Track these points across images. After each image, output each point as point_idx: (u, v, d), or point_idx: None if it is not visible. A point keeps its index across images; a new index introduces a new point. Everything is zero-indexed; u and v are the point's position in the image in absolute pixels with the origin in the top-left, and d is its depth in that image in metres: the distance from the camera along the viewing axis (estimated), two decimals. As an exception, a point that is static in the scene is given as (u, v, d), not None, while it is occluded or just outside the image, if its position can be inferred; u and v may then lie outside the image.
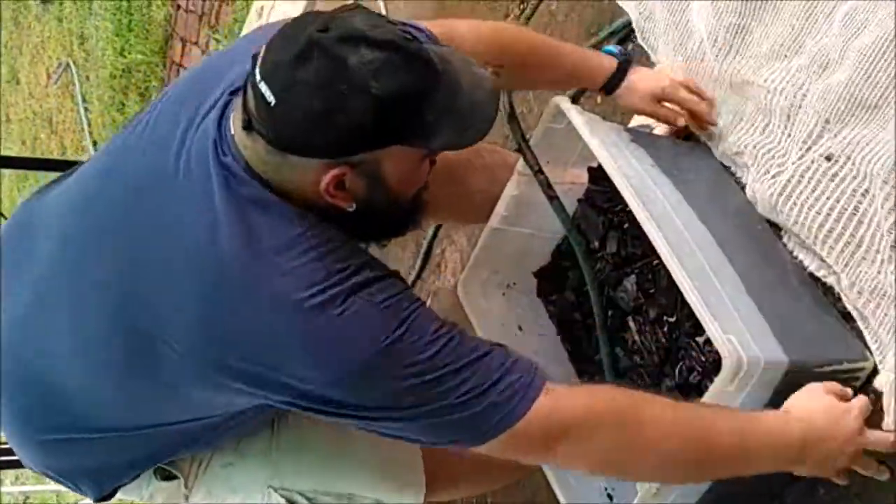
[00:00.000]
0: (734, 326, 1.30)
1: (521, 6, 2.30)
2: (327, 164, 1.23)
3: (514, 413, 1.26)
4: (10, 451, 3.13)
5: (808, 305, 1.49)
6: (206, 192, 1.27)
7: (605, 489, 1.57)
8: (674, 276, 1.34)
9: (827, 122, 1.51)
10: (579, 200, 1.77)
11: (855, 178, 1.46)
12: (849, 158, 1.47)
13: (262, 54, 1.21)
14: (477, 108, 1.27)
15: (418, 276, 2.61)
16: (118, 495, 1.63)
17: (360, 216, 1.29)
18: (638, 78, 1.68)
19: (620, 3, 1.92)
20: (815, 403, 1.37)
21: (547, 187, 1.59)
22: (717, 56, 1.70)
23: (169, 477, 1.57)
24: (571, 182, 1.76)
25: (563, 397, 1.29)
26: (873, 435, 1.37)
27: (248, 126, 1.23)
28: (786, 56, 1.61)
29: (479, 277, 1.81)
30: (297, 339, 1.23)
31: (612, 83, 1.67)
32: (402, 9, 2.78)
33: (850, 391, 1.38)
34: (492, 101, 1.29)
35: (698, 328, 1.46)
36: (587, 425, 1.29)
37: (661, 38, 1.82)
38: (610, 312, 1.65)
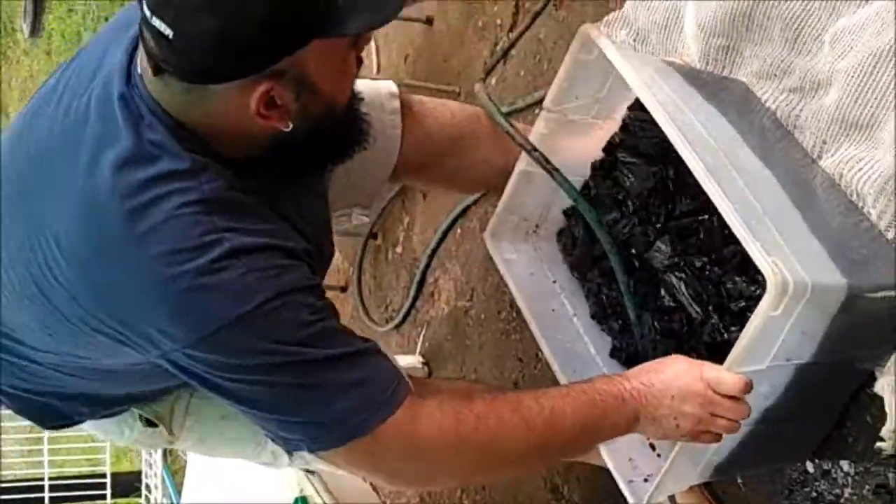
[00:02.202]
0: (779, 248, 1.22)
1: (509, 34, 2.30)
2: (249, 82, 1.17)
3: (368, 422, 1.22)
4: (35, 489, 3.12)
5: (855, 229, 1.40)
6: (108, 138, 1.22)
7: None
8: (710, 195, 1.25)
9: (824, 142, 1.49)
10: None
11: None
12: (841, 176, 1.45)
13: None
14: None
15: (412, 306, 2.56)
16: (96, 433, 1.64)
17: (301, 135, 1.23)
18: None
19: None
20: (667, 369, 1.30)
21: (545, 162, 1.53)
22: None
23: (153, 423, 1.55)
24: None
25: (419, 417, 1.25)
26: (722, 385, 1.26)
27: (157, 70, 1.15)
28: (776, 76, 1.60)
29: (509, 225, 1.72)
30: (163, 292, 1.18)
31: None
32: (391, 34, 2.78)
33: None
34: None
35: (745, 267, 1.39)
36: (438, 449, 1.27)
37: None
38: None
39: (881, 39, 1.42)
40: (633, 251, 1.59)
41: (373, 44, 2.74)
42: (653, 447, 1.50)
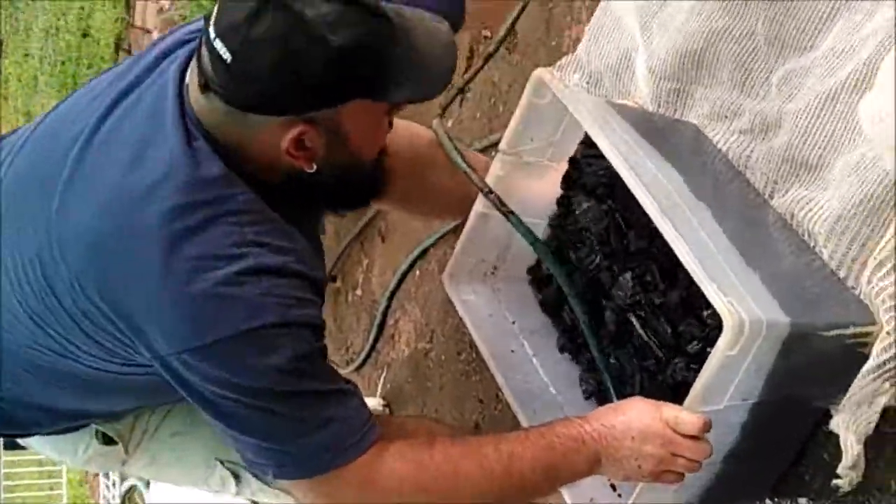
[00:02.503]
0: (733, 289, 1.22)
1: (463, 76, 2.31)
2: (287, 121, 1.21)
3: (337, 459, 1.25)
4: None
5: (807, 268, 1.42)
6: (155, 132, 1.24)
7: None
8: (666, 237, 1.25)
9: (775, 183, 1.50)
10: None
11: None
12: (793, 216, 1.47)
13: (214, 12, 1.17)
14: (435, 59, 1.26)
15: (372, 348, 2.53)
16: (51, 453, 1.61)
17: (322, 179, 1.27)
18: None
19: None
20: (627, 411, 1.29)
21: (500, 205, 1.54)
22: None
23: (110, 441, 1.53)
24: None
25: (383, 462, 1.27)
26: (682, 425, 1.24)
27: (205, 87, 1.18)
28: (726, 117, 1.62)
29: (467, 266, 1.72)
30: (180, 293, 1.18)
31: None
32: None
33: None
34: (449, 52, 1.29)
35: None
36: (396, 497, 1.28)
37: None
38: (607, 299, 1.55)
39: (827, 82, 1.44)
40: (604, 286, 1.59)
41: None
42: (613, 488, 1.49)
